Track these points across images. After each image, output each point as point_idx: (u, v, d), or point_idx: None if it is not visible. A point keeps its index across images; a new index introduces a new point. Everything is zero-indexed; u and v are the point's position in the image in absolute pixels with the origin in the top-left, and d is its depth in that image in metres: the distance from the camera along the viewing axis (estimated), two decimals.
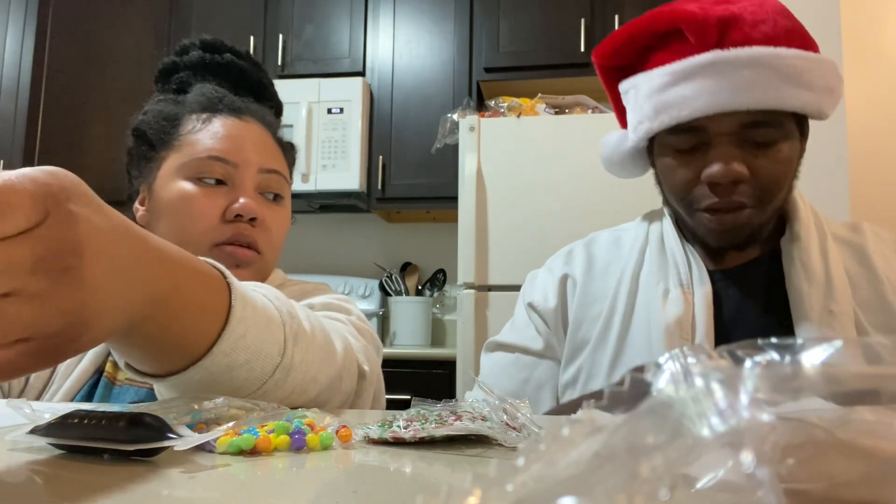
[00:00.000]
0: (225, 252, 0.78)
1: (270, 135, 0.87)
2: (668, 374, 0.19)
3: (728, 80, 0.71)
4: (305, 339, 0.57)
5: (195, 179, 0.79)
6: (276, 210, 0.84)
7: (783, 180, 0.76)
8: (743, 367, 0.19)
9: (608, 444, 0.17)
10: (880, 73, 2.70)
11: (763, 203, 0.76)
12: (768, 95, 0.71)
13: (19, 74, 2.96)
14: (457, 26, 2.72)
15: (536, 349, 0.89)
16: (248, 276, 0.80)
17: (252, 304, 0.50)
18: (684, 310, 0.78)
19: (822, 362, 0.18)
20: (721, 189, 0.75)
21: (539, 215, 2.15)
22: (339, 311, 0.78)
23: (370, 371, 0.70)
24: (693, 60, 0.73)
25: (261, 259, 0.82)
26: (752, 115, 0.73)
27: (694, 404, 0.18)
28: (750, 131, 0.74)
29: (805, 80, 0.72)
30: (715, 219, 0.77)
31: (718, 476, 0.18)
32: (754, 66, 0.71)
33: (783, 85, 0.71)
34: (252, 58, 0.95)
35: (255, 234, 0.80)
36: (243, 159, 0.81)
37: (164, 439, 0.37)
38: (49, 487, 0.34)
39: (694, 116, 0.74)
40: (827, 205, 2.01)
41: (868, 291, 0.78)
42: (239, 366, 0.49)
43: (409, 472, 0.38)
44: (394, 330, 2.74)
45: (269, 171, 0.83)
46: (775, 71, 0.71)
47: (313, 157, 2.62)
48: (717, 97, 0.72)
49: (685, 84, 0.74)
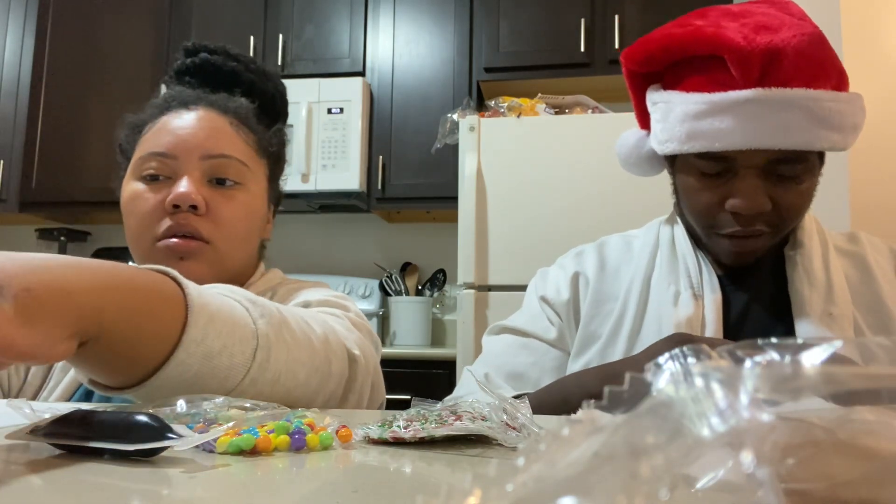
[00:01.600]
0: (166, 246, 0.76)
1: (227, 119, 0.84)
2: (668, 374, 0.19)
3: (765, 120, 0.72)
4: (276, 319, 0.57)
5: (139, 178, 0.80)
6: (227, 195, 0.80)
7: (803, 210, 0.80)
8: (743, 367, 0.19)
9: (608, 444, 0.17)
10: (880, 73, 2.70)
11: (780, 230, 0.80)
12: (801, 138, 0.72)
13: (19, 74, 2.96)
14: (457, 26, 2.72)
15: (549, 338, 0.90)
16: (199, 268, 0.77)
17: (208, 294, 0.52)
18: (694, 312, 0.80)
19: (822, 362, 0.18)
20: (743, 219, 0.77)
21: (539, 215, 2.15)
22: (337, 308, 0.78)
23: (361, 356, 0.70)
24: (733, 95, 0.73)
25: (211, 249, 0.78)
26: (782, 153, 0.74)
27: (694, 404, 0.18)
28: (777, 166, 0.75)
29: (836, 123, 0.74)
30: (733, 243, 0.79)
31: (718, 476, 0.18)
32: (791, 108, 0.72)
33: (816, 127, 0.73)
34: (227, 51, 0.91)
35: (198, 223, 0.77)
36: (182, 150, 0.79)
37: (164, 439, 0.37)
38: (49, 487, 0.34)
39: (726, 150, 0.75)
40: (827, 205, 2.01)
41: (867, 295, 0.81)
42: (217, 353, 0.50)
43: (409, 472, 0.38)
44: (394, 330, 2.74)
45: (216, 156, 0.80)
46: (810, 113, 0.72)
47: (313, 157, 2.62)
48: (752, 135, 0.73)
49: (722, 117, 0.74)
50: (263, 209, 0.87)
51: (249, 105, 0.88)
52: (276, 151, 0.90)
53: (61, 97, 2.94)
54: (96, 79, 2.93)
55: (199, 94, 0.86)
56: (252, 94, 0.90)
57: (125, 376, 0.49)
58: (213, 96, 0.86)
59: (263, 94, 0.92)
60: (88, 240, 3.16)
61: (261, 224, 0.87)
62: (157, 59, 2.89)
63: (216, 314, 0.51)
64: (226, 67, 0.90)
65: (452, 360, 2.24)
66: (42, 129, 2.93)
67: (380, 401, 0.78)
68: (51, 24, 2.99)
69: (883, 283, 0.82)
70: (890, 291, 0.81)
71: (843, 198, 2.02)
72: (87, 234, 3.16)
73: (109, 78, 2.92)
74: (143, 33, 2.93)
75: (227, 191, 0.81)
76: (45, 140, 2.92)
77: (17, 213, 2.92)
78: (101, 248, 2.99)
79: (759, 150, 0.73)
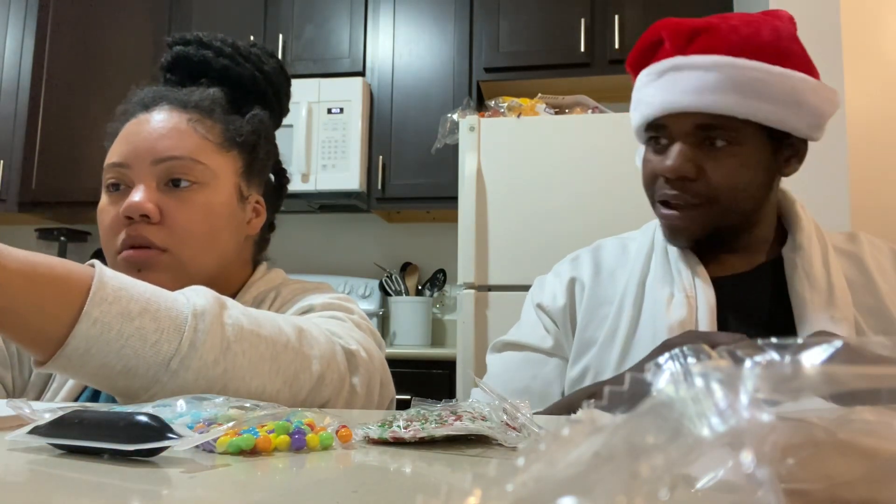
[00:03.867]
0: (124, 259, 0.75)
1: (187, 115, 0.80)
2: (668, 374, 0.19)
3: (684, 83, 0.77)
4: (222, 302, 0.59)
5: (105, 190, 0.80)
6: (182, 198, 0.77)
7: (736, 184, 0.79)
8: (743, 367, 0.19)
9: (608, 444, 0.17)
10: (880, 72, 2.70)
11: (713, 204, 0.79)
12: (719, 100, 0.75)
13: (19, 74, 2.96)
14: (457, 26, 2.72)
15: (546, 348, 0.90)
16: (159, 278, 0.72)
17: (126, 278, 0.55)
18: (688, 313, 0.80)
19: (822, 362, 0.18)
20: (675, 184, 0.80)
21: (539, 215, 2.15)
22: (340, 311, 0.78)
23: (361, 349, 0.70)
24: (660, 64, 0.80)
25: (169, 256, 0.75)
26: (705, 119, 0.77)
27: (694, 404, 0.18)
28: (706, 133, 0.78)
29: (764, 93, 0.76)
30: (665, 215, 0.82)
31: (718, 476, 0.18)
32: (710, 71, 0.76)
33: (735, 93, 0.75)
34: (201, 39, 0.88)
35: (150, 232, 0.74)
36: (133, 157, 0.77)
37: (164, 439, 0.37)
38: (49, 487, 0.34)
39: (655, 115, 0.80)
40: (827, 205, 2.01)
41: (868, 298, 0.80)
42: (137, 314, 0.52)
43: (409, 472, 0.38)
44: (394, 330, 2.74)
45: (165, 158, 0.77)
46: (730, 79, 0.75)
47: (313, 157, 2.62)
48: (671, 97, 0.78)
49: (653, 84, 0.81)
50: (231, 205, 0.81)
51: (217, 94, 0.84)
52: (249, 140, 0.84)
53: (61, 97, 2.94)
54: (96, 79, 2.93)
55: (162, 93, 0.84)
56: (226, 81, 0.86)
57: (43, 349, 0.51)
58: (176, 92, 0.83)
59: (240, 78, 0.87)
60: (88, 240, 3.16)
61: (231, 221, 0.81)
62: (157, 60, 2.88)
63: (131, 286, 0.54)
64: (196, 57, 0.87)
65: (452, 360, 2.23)
66: (42, 129, 2.92)
67: (390, 397, 0.78)
68: (51, 24, 2.99)
69: (882, 284, 0.81)
70: (889, 293, 0.81)
71: (843, 198, 2.02)
72: (86, 234, 3.16)
73: (109, 78, 2.91)
74: (143, 34, 2.93)
75: (181, 193, 0.77)
76: (45, 140, 2.92)
77: (17, 213, 2.91)
78: (101, 249, 2.99)
79: (683, 113, 0.77)
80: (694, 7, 2.52)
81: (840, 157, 2.03)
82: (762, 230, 0.86)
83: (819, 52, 2.24)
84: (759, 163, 0.79)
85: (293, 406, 0.62)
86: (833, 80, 2.06)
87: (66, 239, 3.06)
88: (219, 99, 0.84)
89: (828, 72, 2.21)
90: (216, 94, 0.84)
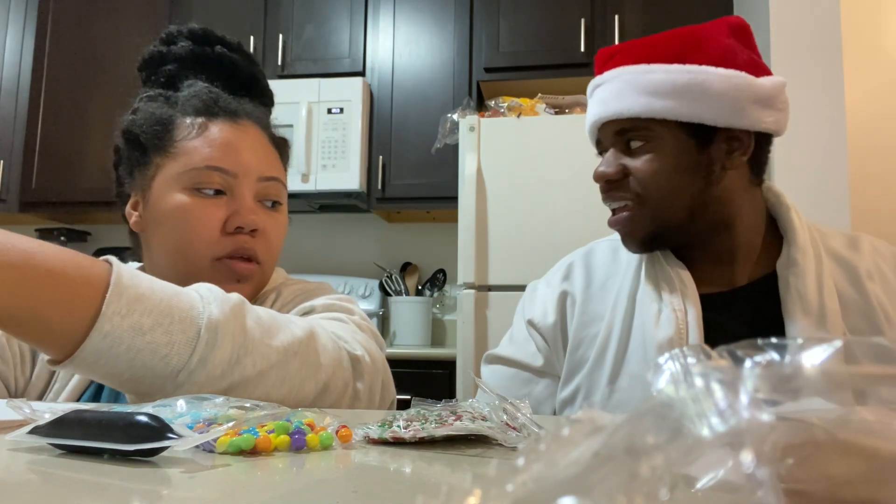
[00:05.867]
0: (226, 266, 0.77)
1: (267, 137, 0.86)
2: (668, 374, 0.19)
3: (598, 97, 0.85)
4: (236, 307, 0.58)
5: (193, 190, 0.77)
6: (275, 217, 0.83)
7: (658, 180, 0.81)
8: (743, 367, 0.19)
9: (608, 444, 0.17)
10: (880, 71, 2.70)
11: (643, 203, 0.82)
12: (622, 104, 0.81)
13: (19, 74, 2.96)
14: (457, 26, 2.72)
15: (536, 366, 0.91)
16: (247, 289, 0.79)
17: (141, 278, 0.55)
18: (675, 329, 0.79)
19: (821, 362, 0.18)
20: (604, 188, 0.86)
21: (539, 215, 2.15)
22: (341, 312, 0.78)
23: (365, 354, 0.70)
24: (589, 86, 0.89)
25: (260, 270, 0.81)
26: (618, 125, 0.83)
27: (694, 404, 0.18)
28: (624, 137, 0.83)
29: (661, 90, 0.80)
30: (609, 221, 0.87)
31: (718, 476, 0.18)
32: (613, 81, 0.83)
33: (636, 96, 0.81)
34: (243, 49, 0.91)
35: (256, 246, 0.79)
36: (242, 169, 0.79)
37: (164, 439, 0.37)
38: (49, 487, 0.34)
39: (590, 131, 0.89)
40: (827, 204, 2.01)
41: (859, 319, 0.79)
42: (149, 328, 0.52)
43: (409, 472, 0.38)
44: (394, 330, 2.74)
45: (269, 178, 0.82)
46: (628, 84, 0.81)
47: (313, 157, 2.62)
48: (593, 111, 0.86)
49: (588, 106, 0.89)
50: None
51: (269, 115, 0.90)
52: (286, 164, 0.91)
53: (61, 97, 2.94)
54: (96, 79, 2.93)
55: (241, 104, 0.84)
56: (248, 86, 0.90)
57: (58, 350, 0.52)
58: (248, 106, 0.85)
59: (262, 90, 0.93)
60: (88, 240, 3.17)
61: None
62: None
63: (146, 294, 0.53)
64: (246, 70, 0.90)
65: (452, 360, 2.24)
66: (42, 129, 2.92)
67: (391, 398, 0.78)
68: (51, 24, 2.99)
69: (877, 296, 0.79)
70: (885, 304, 0.79)
71: (843, 197, 2.02)
72: (87, 234, 3.16)
73: (109, 78, 2.91)
74: (143, 34, 2.92)
75: (273, 212, 0.83)
76: (45, 140, 2.92)
77: (17, 213, 2.91)
78: (101, 248, 2.99)
79: (606, 124, 0.84)
80: (694, 7, 2.52)
81: (840, 157, 2.03)
82: (743, 234, 0.84)
83: (819, 51, 2.25)
84: (681, 159, 0.81)
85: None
86: (833, 79, 2.07)
87: (66, 239, 3.06)
88: (271, 120, 0.90)
89: (828, 71, 2.21)
90: (267, 111, 0.90)
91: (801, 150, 2.01)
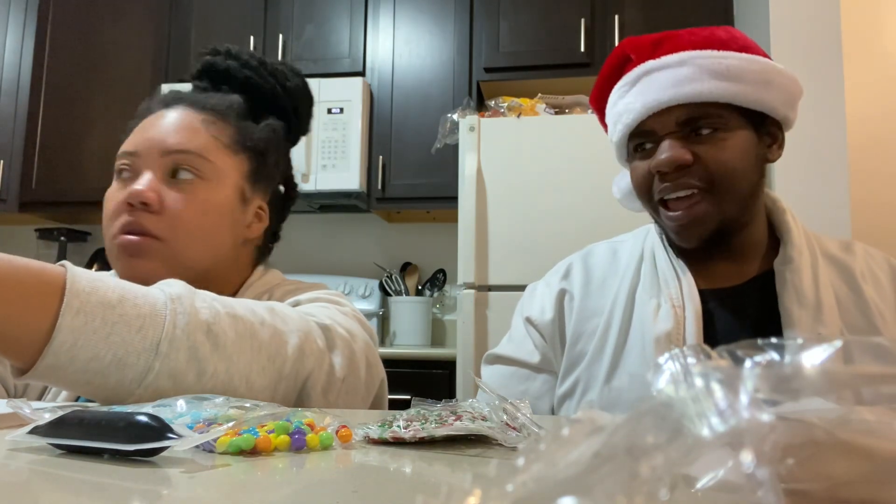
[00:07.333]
0: (118, 244, 0.76)
1: (202, 116, 0.83)
2: (668, 374, 0.19)
3: (659, 82, 0.79)
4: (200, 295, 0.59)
5: (115, 177, 0.82)
6: (182, 189, 0.78)
7: (733, 167, 0.79)
8: (743, 367, 0.19)
9: (608, 444, 0.17)
10: (880, 71, 2.70)
11: (714, 189, 0.79)
12: (697, 88, 0.77)
13: (19, 74, 2.96)
14: (457, 26, 2.72)
15: (533, 363, 0.91)
16: (151, 266, 0.75)
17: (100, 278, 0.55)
18: (674, 324, 0.79)
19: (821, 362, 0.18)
20: (669, 176, 0.80)
21: (539, 215, 2.15)
22: (327, 303, 0.78)
23: (335, 326, 0.71)
24: (631, 73, 0.82)
25: (163, 246, 0.76)
26: (688, 111, 0.78)
27: (694, 404, 0.18)
28: (692, 125, 0.79)
29: (735, 75, 0.78)
30: (673, 212, 0.81)
31: (718, 476, 0.18)
32: (681, 66, 0.79)
33: (712, 80, 0.77)
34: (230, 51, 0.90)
35: (148, 221, 0.76)
36: (145, 147, 0.80)
37: (164, 439, 0.37)
38: (49, 487, 0.34)
39: (637, 120, 0.81)
40: (827, 203, 2.01)
41: (856, 315, 0.80)
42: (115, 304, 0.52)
43: (409, 472, 0.38)
44: (394, 330, 2.74)
45: (174, 151, 0.79)
46: (702, 68, 0.78)
47: (313, 157, 2.62)
48: (651, 97, 0.79)
49: (629, 93, 0.82)
50: (231, 205, 0.82)
51: (235, 100, 0.87)
52: (258, 146, 0.86)
53: (61, 97, 2.94)
54: (96, 79, 2.93)
55: (183, 94, 0.86)
56: (248, 90, 0.89)
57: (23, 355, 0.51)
58: (196, 95, 0.86)
59: (260, 89, 0.90)
60: (88, 240, 3.16)
61: (229, 220, 0.82)
62: (157, 59, 2.89)
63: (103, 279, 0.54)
64: (221, 66, 0.90)
65: (452, 360, 2.23)
66: (42, 129, 2.92)
67: (379, 377, 0.78)
68: (51, 25, 2.99)
69: (872, 297, 0.81)
70: (879, 305, 0.80)
71: (843, 196, 2.02)
72: (87, 234, 3.16)
73: (109, 78, 2.91)
74: (143, 33, 2.93)
75: (183, 185, 0.79)
76: (45, 140, 2.92)
77: (17, 213, 2.91)
78: (101, 249, 2.99)
79: (664, 113, 0.79)
80: (693, 7, 2.52)
81: (840, 156, 2.03)
82: (755, 231, 0.85)
83: (819, 51, 2.24)
84: (747, 146, 0.80)
85: (279, 382, 0.63)
86: (833, 78, 2.07)
87: (66, 239, 3.06)
88: (235, 104, 0.86)
89: (828, 70, 2.21)
90: (234, 99, 0.87)
91: (801, 150, 2.01)
